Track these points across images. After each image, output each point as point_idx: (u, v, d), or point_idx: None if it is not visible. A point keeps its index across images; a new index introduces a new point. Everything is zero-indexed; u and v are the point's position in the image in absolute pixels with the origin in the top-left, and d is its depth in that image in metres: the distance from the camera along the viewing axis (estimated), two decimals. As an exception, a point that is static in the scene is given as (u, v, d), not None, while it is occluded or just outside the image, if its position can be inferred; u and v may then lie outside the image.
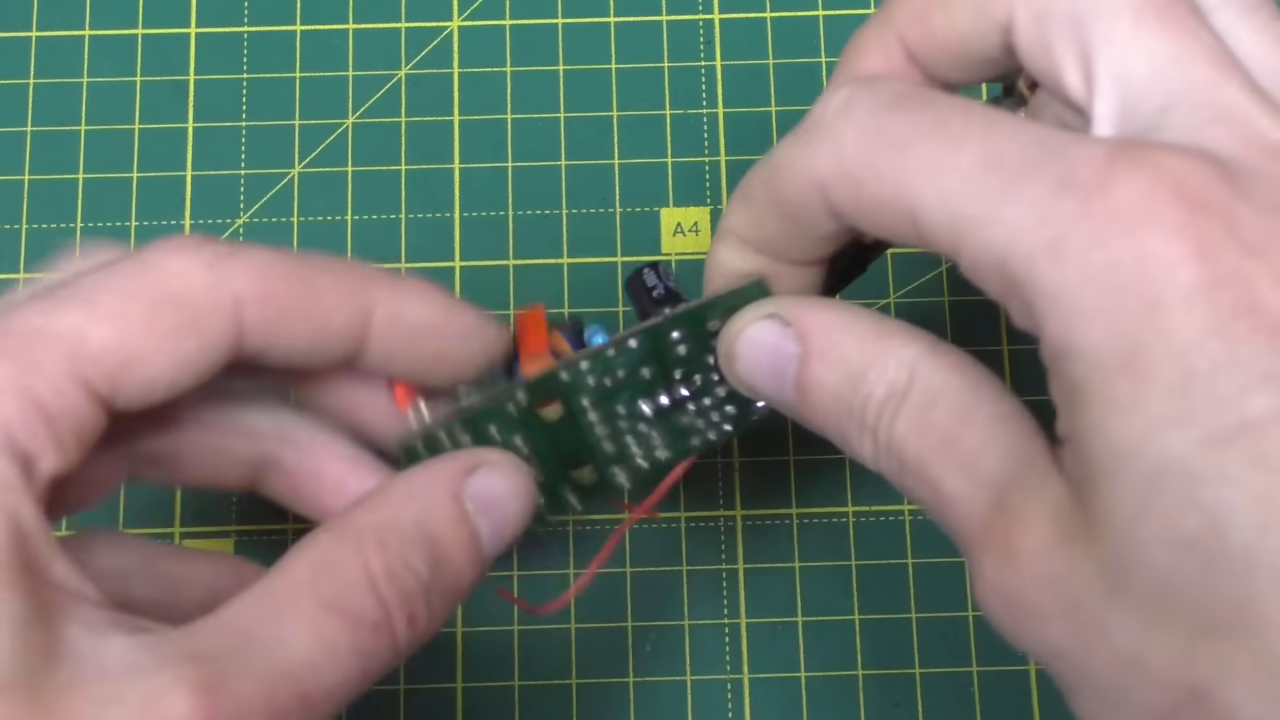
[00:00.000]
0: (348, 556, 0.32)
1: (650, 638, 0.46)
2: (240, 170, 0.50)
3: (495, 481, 0.35)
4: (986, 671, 0.45)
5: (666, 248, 0.49)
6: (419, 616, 0.32)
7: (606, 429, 0.37)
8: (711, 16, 0.51)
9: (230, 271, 0.33)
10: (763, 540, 0.46)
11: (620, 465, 0.38)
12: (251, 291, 0.33)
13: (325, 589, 0.31)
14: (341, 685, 0.31)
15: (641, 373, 0.37)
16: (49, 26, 0.51)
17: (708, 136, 0.50)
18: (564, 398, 0.37)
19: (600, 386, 0.37)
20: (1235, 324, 0.25)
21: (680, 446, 0.38)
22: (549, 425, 0.37)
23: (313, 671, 0.30)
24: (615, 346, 0.37)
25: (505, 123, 0.50)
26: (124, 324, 0.31)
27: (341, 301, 0.34)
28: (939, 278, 0.49)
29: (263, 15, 0.51)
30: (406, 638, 0.32)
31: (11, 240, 0.49)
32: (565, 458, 0.38)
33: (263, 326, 0.33)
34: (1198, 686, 0.26)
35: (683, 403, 0.37)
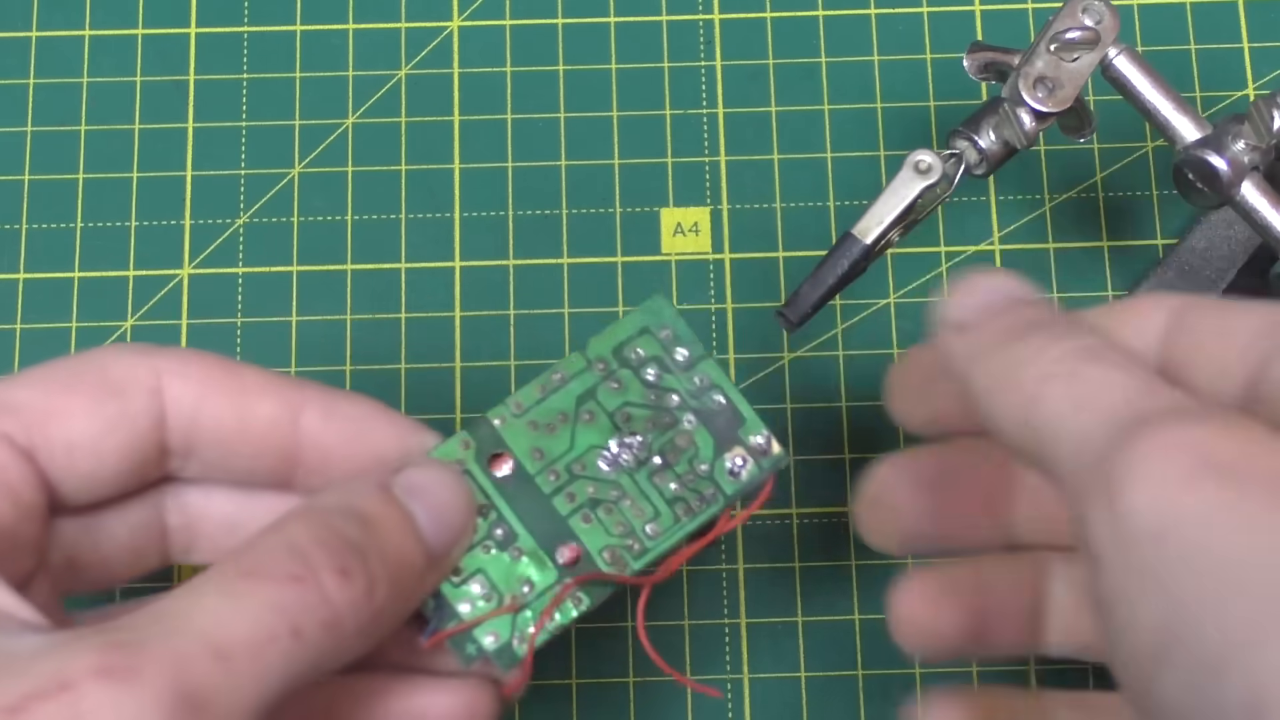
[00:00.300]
0: (269, 534, 0.32)
1: (650, 638, 0.46)
2: (240, 170, 0.50)
3: (420, 473, 0.34)
4: (986, 671, 0.45)
5: (666, 248, 0.49)
6: (353, 571, 0.32)
7: (572, 498, 0.36)
8: (711, 16, 0.51)
9: (157, 355, 0.34)
10: (763, 540, 0.46)
11: (607, 549, 0.36)
12: (175, 370, 0.34)
13: (244, 560, 0.31)
14: (265, 640, 0.30)
15: (583, 417, 0.36)
16: (49, 26, 0.51)
17: (708, 136, 0.50)
18: (509, 450, 0.36)
19: (541, 432, 0.36)
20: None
21: (668, 520, 0.36)
22: (508, 487, 0.36)
23: (222, 626, 0.30)
24: (541, 382, 0.37)
25: (505, 123, 0.50)
26: (45, 387, 0.33)
27: (268, 389, 0.35)
28: (939, 278, 0.49)
29: (263, 15, 0.51)
30: (345, 594, 0.31)
31: (11, 240, 0.49)
32: (541, 534, 0.36)
33: (187, 404, 0.34)
34: None
35: (649, 462, 0.36)
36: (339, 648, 0.31)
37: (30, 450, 0.33)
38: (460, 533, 0.35)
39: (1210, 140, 0.41)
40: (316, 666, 0.31)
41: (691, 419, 0.37)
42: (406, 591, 0.33)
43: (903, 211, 0.39)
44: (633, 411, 0.37)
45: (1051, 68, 0.40)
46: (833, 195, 0.49)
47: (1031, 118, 0.40)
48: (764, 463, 0.36)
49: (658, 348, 0.37)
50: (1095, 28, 0.40)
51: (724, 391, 0.37)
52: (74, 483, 0.34)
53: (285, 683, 0.30)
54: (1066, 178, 0.50)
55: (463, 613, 0.35)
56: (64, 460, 0.33)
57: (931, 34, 0.51)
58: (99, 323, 0.48)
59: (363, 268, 0.49)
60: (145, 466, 0.35)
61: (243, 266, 0.49)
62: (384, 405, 0.36)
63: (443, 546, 0.34)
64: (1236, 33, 0.51)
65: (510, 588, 0.35)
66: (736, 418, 0.37)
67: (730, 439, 0.37)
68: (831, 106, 0.50)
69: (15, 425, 0.33)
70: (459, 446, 0.36)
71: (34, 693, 0.27)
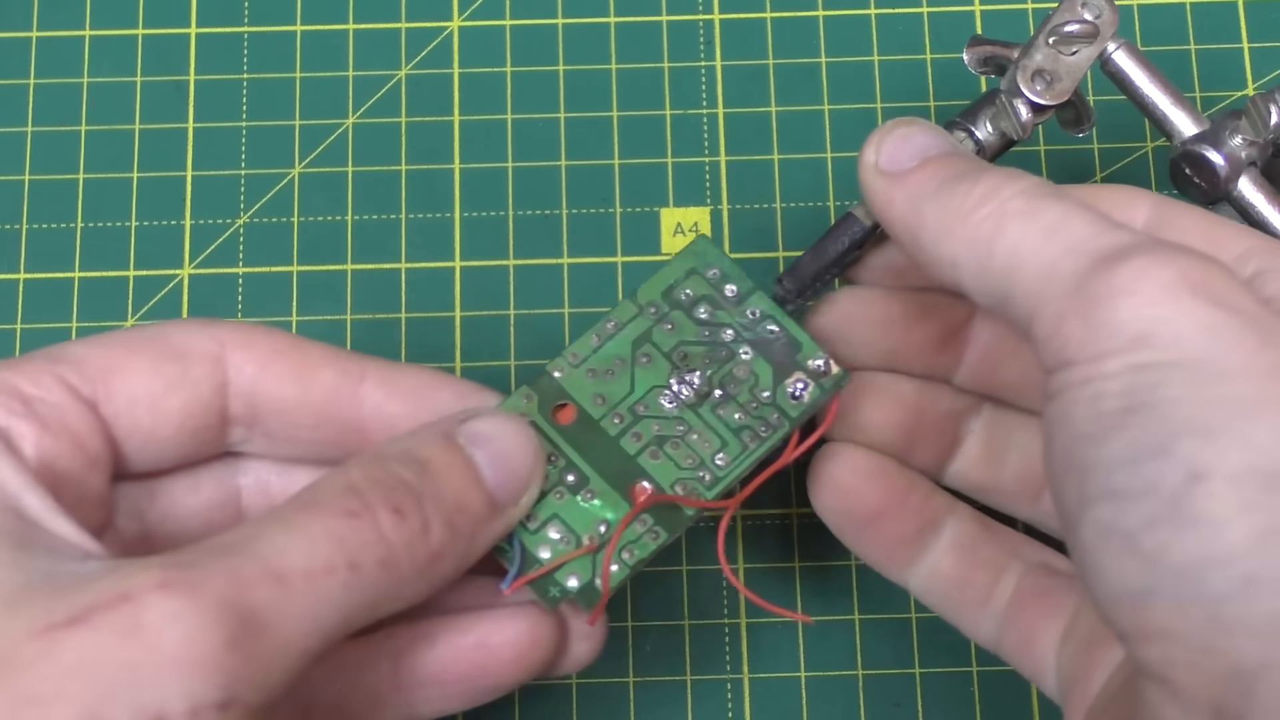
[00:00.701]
0: (331, 474, 0.33)
1: (650, 638, 0.46)
2: (240, 170, 0.50)
3: (486, 421, 0.35)
4: (986, 671, 0.45)
5: (666, 248, 0.49)
6: (407, 510, 0.32)
7: (639, 438, 0.37)
8: (711, 16, 0.51)
9: (220, 326, 0.36)
10: (763, 540, 0.46)
11: (679, 482, 0.37)
12: (238, 340, 0.36)
13: (303, 495, 0.33)
14: (323, 569, 0.31)
15: (640, 361, 0.37)
16: (49, 26, 0.51)
17: (708, 136, 0.50)
18: (572, 399, 0.37)
19: (601, 379, 0.37)
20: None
21: (736, 448, 0.37)
22: (574, 434, 0.37)
23: (280, 553, 0.31)
24: (596, 331, 0.37)
25: (505, 123, 0.50)
26: (109, 347, 0.35)
27: (329, 360, 0.36)
28: (939, 278, 0.49)
29: (263, 15, 0.51)
30: (399, 532, 0.32)
31: (11, 240, 0.49)
32: (612, 475, 0.37)
33: (249, 373, 0.36)
34: None
35: (711, 395, 0.37)
36: (397, 587, 0.32)
37: (93, 401, 0.34)
38: (526, 479, 0.35)
39: (1208, 135, 0.41)
40: (374, 604, 0.32)
41: (748, 351, 0.37)
42: (466, 536, 0.34)
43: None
44: (689, 350, 0.37)
45: (1050, 61, 0.40)
46: (833, 195, 0.49)
47: (1028, 110, 0.40)
48: (825, 384, 0.37)
49: (707, 287, 0.38)
50: (1094, 22, 0.40)
51: (777, 320, 0.38)
52: (136, 440, 0.35)
53: (343, 614, 0.31)
54: (1066, 177, 0.50)
55: (542, 558, 0.36)
56: (126, 415, 0.35)
57: (931, 34, 0.51)
58: (99, 323, 0.48)
59: (363, 268, 0.49)
60: (207, 433, 0.36)
61: (243, 266, 0.49)
62: (444, 373, 0.37)
63: (507, 493, 0.35)
64: (1236, 33, 0.51)
65: (587, 529, 0.36)
66: (793, 344, 0.38)
67: (789, 365, 0.37)
68: (831, 106, 0.50)
69: (78, 377, 0.34)
70: (521, 400, 0.37)
71: (96, 604, 0.29)
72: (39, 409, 0.34)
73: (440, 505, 0.33)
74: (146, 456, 0.36)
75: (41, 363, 0.34)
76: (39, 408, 0.34)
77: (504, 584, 0.36)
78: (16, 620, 0.29)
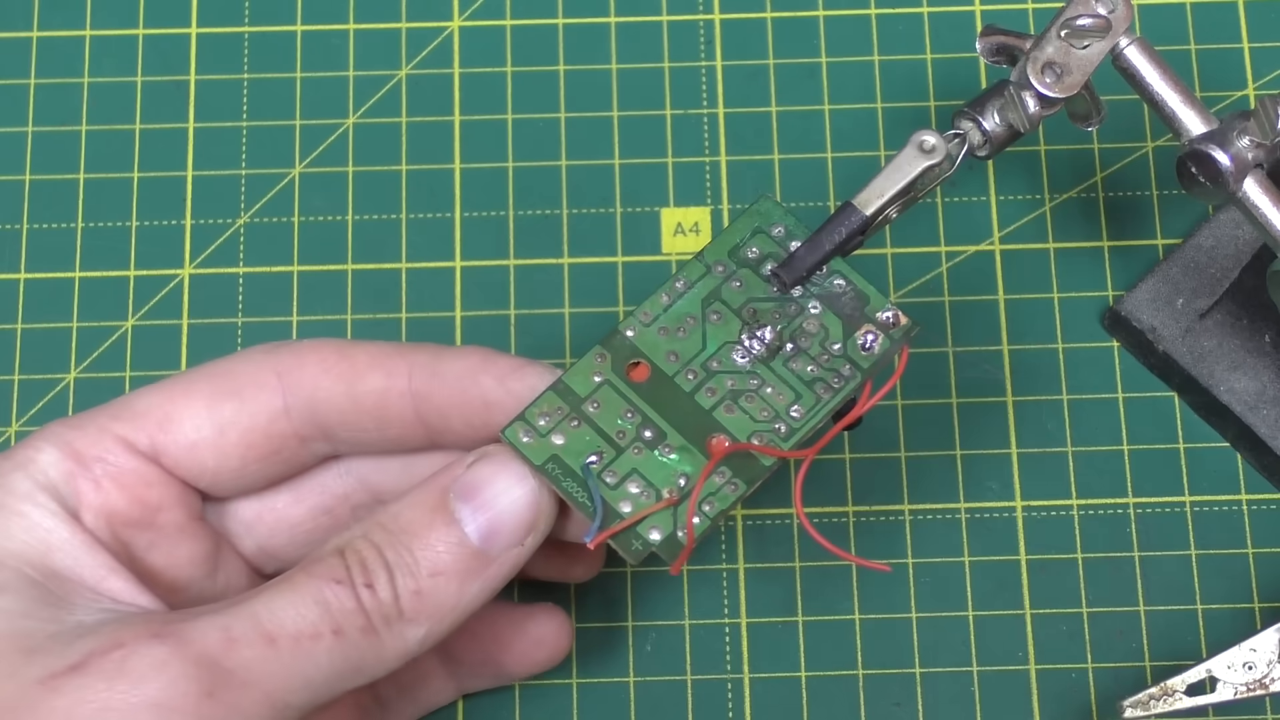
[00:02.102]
0: (335, 537, 0.36)
1: (650, 638, 0.46)
2: (241, 170, 0.50)
3: (481, 468, 0.36)
4: (986, 671, 0.45)
5: (667, 248, 0.49)
6: (379, 586, 0.34)
7: (713, 392, 0.37)
8: (711, 16, 0.51)
9: (278, 353, 0.38)
10: (763, 540, 0.46)
11: (755, 434, 0.37)
12: (291, 363, 0.38)
13: (306, 560, 0.35)
14: (308, 633, 0.33)
15: (711, 318, 0.37)
16: (49, 26, 0.51)
17: (708, 136, 0.50)
18: (645, 357, 0.37)
19: (673, 337, 0.37)
20: None
21: (810, 400, 0.37)
22: (648, 391, 0.37)
23: (272, 615, 0.33)
24: (665, 290, 0.38)
25: (505, 123, 0.50)
26: (167, 394, 0.38)
27: (375, 363, 0.38)
28: (939, 278, 0.49)
29: (263, 15, 0.51)
30: (371, 602, 0.34)
31: (12, 240, 0.49)
32: (688, 430, 0.37)
33: (304, 394, 0.37)
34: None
35: (782, 350, 0.37)
36: (380, 651, 0.35)
37: (154, 452, 0.37)
38: (520, 528, 0.36)
39: (1215, 135, 0.41)
40: (360, 667, 0.35)
41: (816, 305, 0.38)
42: (451, 593, 0.35)
43: (903, 188, 0.39)
44: (758, 306, 0.38)
45: (1061, 54, 0.40)
46: (833, 195, 0.49)
47: (1036, 101, 0.40)
48: (894, 334, 0.38)
49: (772, 245, 0.38)
50: (1107, 16, 0.40)
51: (844, 275, 0.38)
52: (207, 478, 0.38)
53: (330, 675, 0.34)
54: (1067, 177, 0.50)
55: (624, 511, 0.36)
56: (189, 459, 0.37)
57: (931, 34, 0.51)
58: (99, 323, 0.48)
59: (363, 268, 0.49)
60: (283, 454, 0.38)
61: (243, 266, 0.49)
62: (491, 352, 0.38)
63: (499, 543, 0.36)
64: (1236, 33, 0.51)
65: (666, 483, 0.36)
66: (861, 297, 0.38)
67: (858, 318, 0.38)
68: (831, 106, 0.50)
69: (138, 431, 0.37)
70: (595, 360, 0.37)
71: (95, 651, 0.32)
72: (97, 469, 0.37)
73: (413, 573, 0.35)
74: (226, 487, 0.39)
75: (103, 420, 0.37)
76: (97, 468, 0.37)
77: (587, 537, 0.36)
78: (31, 667, 0.33)
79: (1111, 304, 0.48)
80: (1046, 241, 0.49)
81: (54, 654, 0.33)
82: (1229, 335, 0.47)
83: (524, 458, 0.36)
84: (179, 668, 0.32)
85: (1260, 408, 0.46)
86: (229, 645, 0.33)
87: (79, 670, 0.32)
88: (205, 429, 0.37)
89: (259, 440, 0.38)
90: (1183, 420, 0.47)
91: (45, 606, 0.34)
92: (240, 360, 0.38)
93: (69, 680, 0.32)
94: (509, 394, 0.37)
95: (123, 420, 0.37)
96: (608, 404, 0.37)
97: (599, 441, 0.36)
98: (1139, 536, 0.46)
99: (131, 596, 0.35)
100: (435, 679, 0.42)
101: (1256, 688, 0.41)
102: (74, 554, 0.35)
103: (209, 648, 0.33)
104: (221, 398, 0.37)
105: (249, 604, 0.34)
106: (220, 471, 0.38)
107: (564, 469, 0.36)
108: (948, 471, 0.47)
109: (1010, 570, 0.46)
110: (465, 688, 0.43)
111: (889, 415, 0.47)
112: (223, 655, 0.33)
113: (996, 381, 0.48)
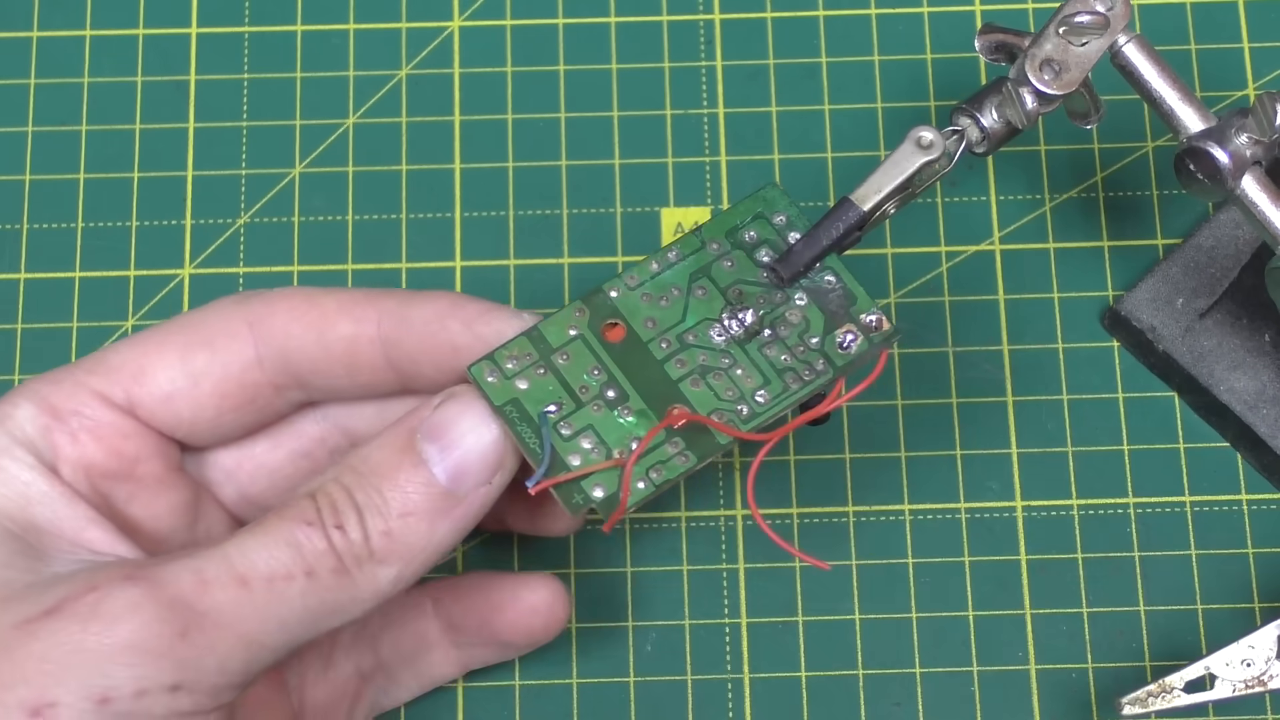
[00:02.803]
0: (303, 486, 0.36)
1: (650, 638, 0.45)
2: (241, 170, 0.50)
3: (447, 409, 0.36)
4: (986, 671, 0.45)
5: (667, 248, 0.49)
6: (349, 526, 0.35)
7: (683, 364, 0.37)
8: (711, 16, 0.51)
9: (249, 302, 0.38)
10: (763, 540, 0.46)
11: (716, 411, 0.37)
12: (262, 313, 0.38)
13: (279, 504, 0.36)
14: (281, 574, 0.34)
15: (696, 293, 0.38)
16: (49, 26, 0.51)
17: (708, 136, 0.50)
18: (624, 319, 0.37)
19: (655, 304, 0.37)
20: None
21: (778, 388, 0.37)
22: (619, 352, 0.37)
23: (245, 557, 0.34)
24: (656, 258, 0.38)
25: (505, 123, 0.50)
26: (141, 347, 0.38)
27: (343, 310, 0.38)
28: (939, 278, 0.49)
29: (263, 15, 0.51)
30: (342, 543, 0.35)
31: (12, 240, 0.49)
32: (651, 397, 0.37)
33: (275, 343, 0.38)
34: None
35: (760, 334, 0.37)
36: (353, 591, 0.35)
37: (130, 405, 0.38)
38: (485, 467, 0.36)
39: (1213, 132, 0.41)
40: (335, 607, 0.35)
41: (803, 297, 0.38)
42: (421, 533, 0.36)
43: (901, 184, 0.39)
44: (745, 289, 0.38)
45: (1060, 51, 0.40)
46: (833, 195, 0.49)
47: (1035, 99, 0.40)
48: (874, 337, 0.38)
49: (771, 232, 0.39)
50: (1106, 13, 0.40)
51: (836, 272, 0.38)
52: (184, 428, 0.38)
53: (305, 616, 0.34)
54: (1067, 177, 0.50)
55: (572, 464, 0.36)
56: (164, 410, 0.38)
57: (931, 34, 0.51)
58: (99, 323, 0.48)
59: (363, 268, 0.49)
60: (257, 403, 0.39)
61: (243, 266, 0.49)
62: (460, 296, 0.38)
63: (466, 483, 0.36)
64: (1236, 33, 0.51)
65: (619, 445, 0.36)
66: (848, 296, 0.38)
67: (841, 316, 0.38)
68: (831, 106, 0.50)
69: (113, 385, 0.37)
70: (574, 314, 0.37)
71: (69, 595, 0.33)
72: (74, 422, 0.37)
73: (382, 514, 0.35)
74: (203, 437, 0.39)
75: (78, 375, 0.37)
76: (74, 421, 0.37)
77: (530, 482, 0.36)
78: (6, 614, 0.33)
79: (1111, 304, 0.48)
80: (1046, 241, 0.49)
81: (29, 601, 0.33)
82: (1229, 335, 0.47)
83: (485, 396, 0.36)
84: (152, 610, 0.33)
85: (1260, 408, 0.46)
86: (202, 587, 0.33)
87: (53, 614, 0.33)
88: (179, 380, 0.38)
89: (233, 390, 0.38)
90: (1183, 420, 0.47)
91: (23, 558, 0.35)
92: (211, 311, 0.38)
93: (43, 624, 0.33)
94: (476, 338, 0.37)
95: (97, 374, 0.37)
96: (577, 357, 0.37)
97: (561, 393, 0.37)
98: (1139, 536, 0.46)
99: (110, 546, 0.36)
100: (437, 649, 0.43)
101: (1255, 685, 0.41)
102: (53, 506, 0.36)
103: (182, 590, 0.33)
104: (194, 349, 0.38)
105: (222, 547, 0.34)
106: (196, 422, 0.38)
107: (522, 413, 0.36)
108: (948, 471, 0.47)
109: (1010, 570, 0.46)
110: (468, 662, 0.43)
111: (889, 415, 0.47)
112: (196, 598, 0.33)
113: (996, 381, 0.48)
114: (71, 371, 0.38)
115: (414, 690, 0.43)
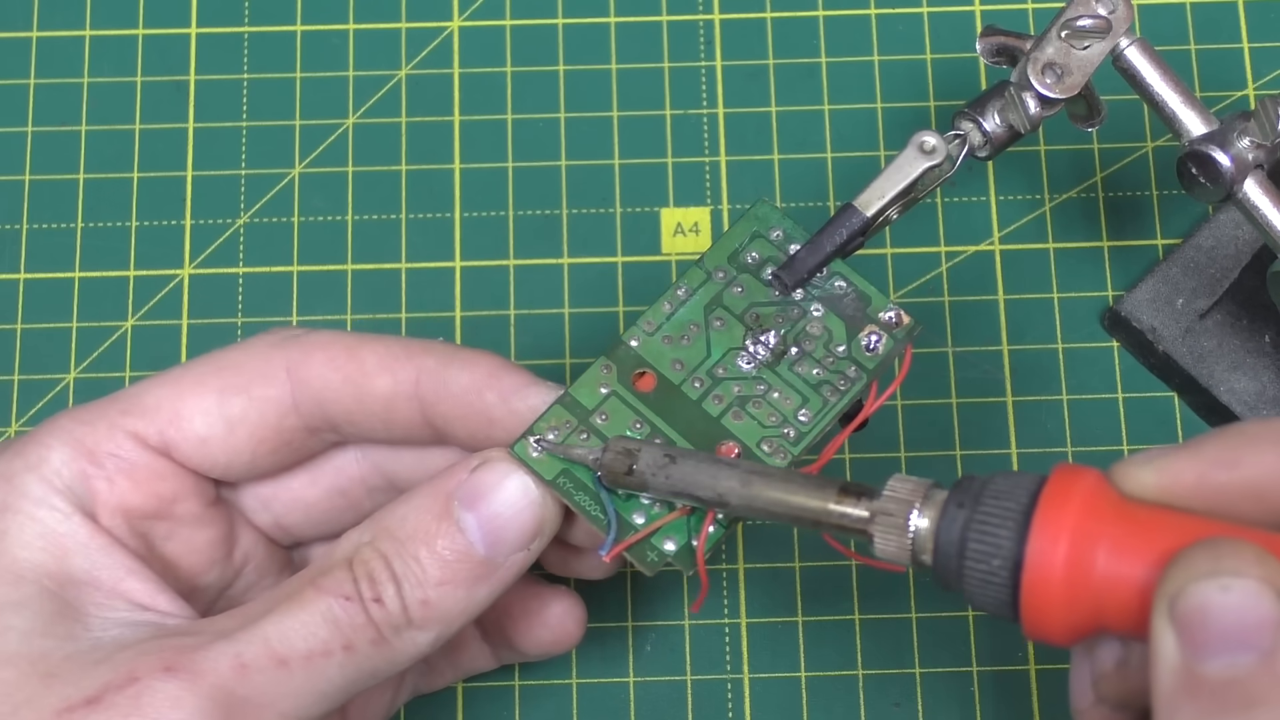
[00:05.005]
0: (333, 551, 0.36)
1: (650, 638, 0.46)
2: (241, 170, 0.50)
3: (484, 476, 0.36)
4: (986, 671, 0.45)
5: (666, 248, 0.49)
6: (387, 599, 0.35)
7: (720, 400, 0.37)
8: (711, 16, 0.51)
9: (288, 347, 0.38)
10: (763, 540, 0.46)
11: (765, 440, 0.37)
12: (300, 359, 0.38)
13: (308, 573, 0.35)
14: (319, 651, 0.34)
15: (714, 325, 0.37)
16: (49, 26, 0.51)
17: (708, 136, 0.50)
18: (651, 367, 0.37)
19: (677, 345, 0.37)
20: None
21: (818, 404, 0.37)
22: (655, 400, 0.37)
23: (282, 636, 0.34)
24: (667, 298, 0.38)
25: (505, 123, 0.50)
26: (177, 387, 0.38)
27: (384, 366, 0.38)
28: (939, 278, 0.49)
29: (263, 15, 0.51)
30: (380, 615, 0.35)
31: (12, 240, 0.49)
32: (696, 437, 0.37)
33: (312, 390, 0.37)
34: None
35: (787, 354, 0.37)
36: (392, 657, 0.35)
37: (165, 446, 0.37)
38: (519, 539, 0.36)
39: (1215, 136, 0.41)
40: (373, 673, 0.35)
41: (819, 308, 0.38)
42: (460, 599, 0.36)
43: (904, 189, 0.39)
44: (760, 311, 0.38)
45: (1061, 54, 0.40)
46: (833, 195, 0.49)
47: (1037, 102, 0.40)
48: (897, 334, 0.38)
49: (771, 248, 0.39)
50: (1108, 17, 0.40)
51: (845, 276, 0.38)
52: (219, 469, 0.38)
53: (342, 686, 0.35)
54: (1067, 177, 0.50)
55: (637, 523, 0.36)
56: (199, 453, 0.37)
57: (931, 34, 0.51)
58: (99, 323, 0.48)
59: (363, 268, 0.49)
60: (292, 444, 0.39)
61: (243, 266, 0.49)
62: (500, 364, 0.38)
63: (503, 550, 0.36)
64: (1236, 33, 0.51)
65: None
66: (862, 298, 0.38)
67: (860, 319, 0.38)
68: (831, 106, 0.50)
69: (148, 426, 0.37)
70: (600, 371, 0.37)
71: (110, 684, 0.33)
72: (110, 465, 0.37)
73: (421, 583, 0.35)
74: (238, 476, 0.39)
75: (113, 415, 0.37)
76: (110, 464, 0.37)
77: (603, 550, 0.36)
78: (50, 696, 0.33)
79: (1111, 304, 0.48)
80: (1046, 241, 0.49)
81: (70, 682, 0.33)
82: (1229, 335, 0.47)
83: (535, 474, 0.36)
84: (194, 702, 0.33)
85: (1260, 408, 0.46)
86: (242, 673, 0.33)
87: (95, 705, 0.33)
88: (216, 425, 0.37)
89: (269, 435, 0.38)
90: (1183, 420, 0.47)
91: (61, 622, 0.34)
92: (248, 352, 0.38)
93: (86, 714, 0.32)
94: (512, 413, 0.37)
95: (133, 415, 0.37)
96: (615, 415, 0.37)
97: None
98: (1139, 536, 0.46)
99: (150, 598, 0.36)
100: (474, 643, 0.43)
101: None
102: (91, 556, 0.36)
103: (222, 677, 0.33)
104: (230, 393, 0.37)
105: (260, 626, 0.34)
106: (232, 464, 0.38)
107: (576, 483, 0.36)
108: (948, 471, 0.47)
109: (1010, 570, 0.46)
110: (502, 658, 0.43)
111: (889, 415, 0.47)
112: (236, 684, 0.33)
113: (996, 381, 0.48)
114: (104, 411, 0.37)
115: (450, 679, 0.43)
